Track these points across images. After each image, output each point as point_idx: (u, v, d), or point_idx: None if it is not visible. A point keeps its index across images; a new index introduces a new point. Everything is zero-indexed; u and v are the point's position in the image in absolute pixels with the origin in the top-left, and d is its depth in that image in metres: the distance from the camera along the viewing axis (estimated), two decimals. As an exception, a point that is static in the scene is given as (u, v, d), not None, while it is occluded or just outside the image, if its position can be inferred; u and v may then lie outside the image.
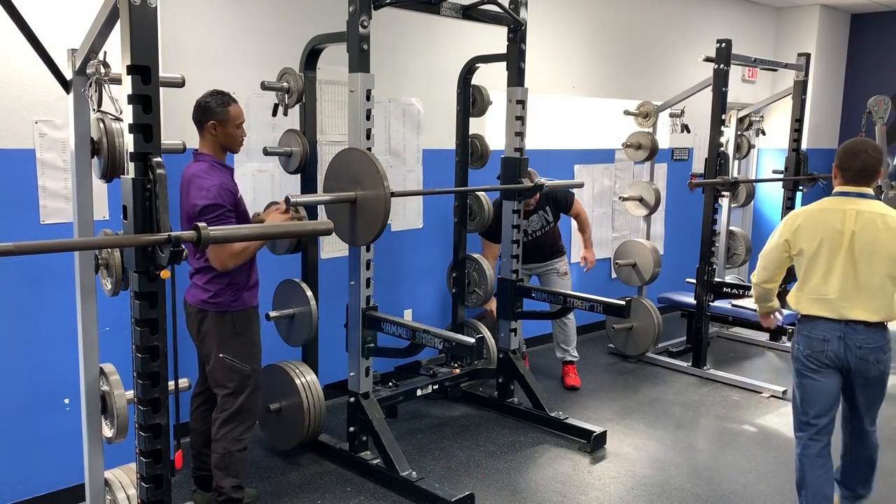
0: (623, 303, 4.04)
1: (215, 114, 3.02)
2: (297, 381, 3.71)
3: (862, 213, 3.02)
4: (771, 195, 7.67)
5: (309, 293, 3.70)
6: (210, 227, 2.01)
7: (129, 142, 2.02)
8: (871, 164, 3.12)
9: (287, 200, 3.21)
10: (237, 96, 3.98)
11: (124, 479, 2.50)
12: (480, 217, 4.67)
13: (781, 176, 6.12)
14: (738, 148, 6.18)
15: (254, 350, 3.14)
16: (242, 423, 3.10)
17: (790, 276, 3.55)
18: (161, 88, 2.04)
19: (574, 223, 5.22)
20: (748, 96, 7.40)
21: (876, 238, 2.93)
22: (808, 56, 6.00)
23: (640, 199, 5.65)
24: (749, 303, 5.73)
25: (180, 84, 2.44)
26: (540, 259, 4.99)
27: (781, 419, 4.60)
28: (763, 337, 6.18)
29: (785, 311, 5.59)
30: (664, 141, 6.27)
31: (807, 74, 6.00)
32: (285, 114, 3.74)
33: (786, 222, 3.18)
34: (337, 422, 4.15)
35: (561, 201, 4.98)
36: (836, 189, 3.17)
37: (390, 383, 4.10)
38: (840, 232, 2.98)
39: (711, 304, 5.49)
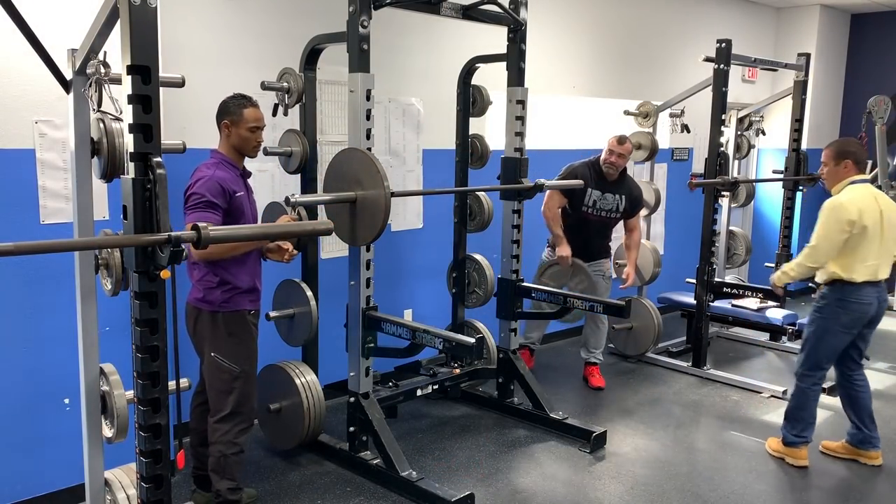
0: (623, 303, 4.04)
1: (229, 113, 3.01)
2: (297, 381, 3.71)
3: (879, 194, 3.77)
4: (771, 195, 7.68)
5: (309, 293, 3.71)
6: (210, 227, 2.01)
7: (129, 142, 2.02)
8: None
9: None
10: (237, 96, 4.00)
11: (124, 479, 2.50)
12: (480, 217, 4.67)
13: (781, 176, 6.12)
14: (738, 148, 6.18)
15: (246, 352, 3.10)
16: (236, 425, 3.07)
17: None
18: (161, 88, 2.04)
19: (623, 237, 5.10)
20: (748, 96, 7.40)
21: (893, 211, 3.73)
22: (808, 56, 6.00)
23: (641, 199, 5.65)
24: (749, 303, 5.74)
25: (180, 84, 2.44)
26: (588, 256, 4.84)
27: (781, 419, 4.59)
28: (763, 337, 6.18)
29: (785, 311, 5.62)
30: (664, 141, 6.27)
31: (807, 74, 6.00)
32: (285, 114, 3.74)
33: (844, 208, 3.62)
34: (337, 422, 4.14)
35: (633, 200, 4.90)
36: (854, 178, 3.75)
37: (390, 383, 4.10)
38: (878, 210, 3.67)
39: (711, 304, 5.49)
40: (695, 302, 5.49)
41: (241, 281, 3.06)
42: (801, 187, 6.14)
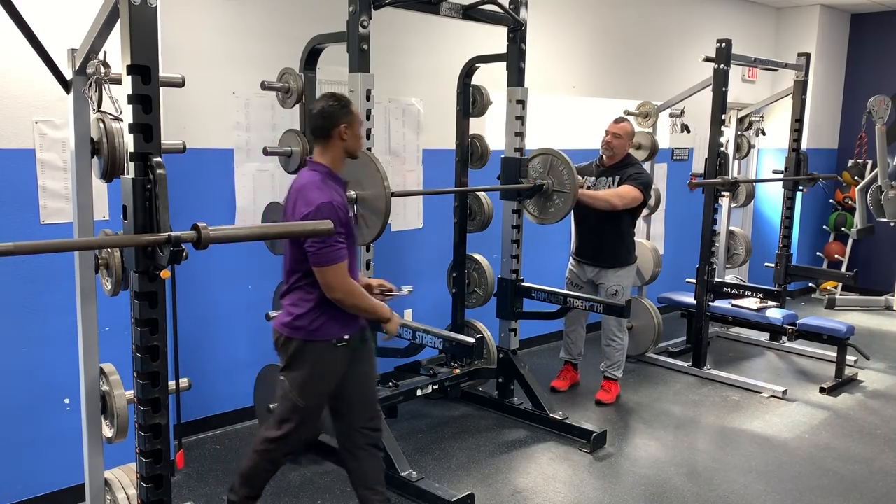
0: (623, 303, 4.04)
1: (346, 114, 2.76)
2: (297, 381, 3.71)
3: None
4: (771, 195, 7.68)
5: (309, 293, 3.70)
6: (210, 228, 2.01)
7: (129, 142, 2.02)
8: None
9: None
10: (236, 96, 4.02)
11: (124, 479, 2.50)
12: (480, 217, 4.67)
13: (781, 176, 6.12)
14: (738, 148, 6.18)
15: (316, 389, 2.81)
16: (281, 450, 2.89)
17: (791, 277, 3.63)
18: (161, 88, 2.04)
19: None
20: (748, 96, 7.40)
21: None
22: (808, 56, 6.01)
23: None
24: (749, 303, 5.74)
25: (180, 84, 2.43)
26: (598, 258, 4.62)
27: (781, 419, 4.60)
28: (763, 337, 6.18)
29: (785, 311, 5.62)
30: (664, 141, 6.27)
31: (807, 74, 6.00)
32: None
33: None
34: (337, 422, 4.14)
35: (628, 175, 4.53)
36: None
37: (390, 383, 4.10)
38: None
39: (711, 304, 5.49)
40: (695, 302, 5.49)
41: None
42: (801, 187, 6.15)
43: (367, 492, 2.95)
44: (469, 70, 4.51)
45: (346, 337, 2.79)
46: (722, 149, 5.20)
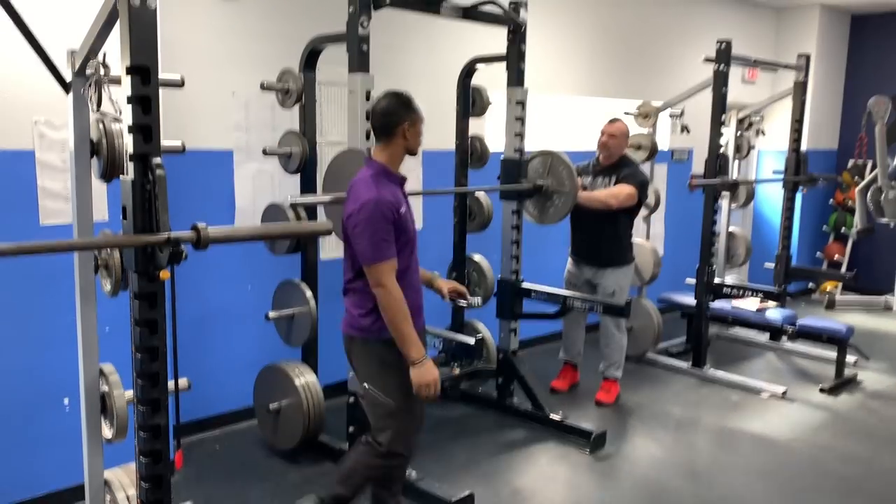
0: (623, 303, 4.04)
1: (409, 113, 2.75)
2: (297, 382, 3.72)
3: None
4: (771, 196, 7.68)
5: (308, 293, 3.71)
6: (210, 228, 2.01)
7: (128, 142, 2.02)
8: None
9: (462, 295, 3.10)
10: (236, 97, 4.03)
11: (124, 479, 2.50)
12: (480, 217, 4.67)
13: (781, 177, 6.12)
14: (738, 149, 6.18)
15: (400, 384, 2.74)
16: (391, 467, 2.85)
17: (791, 277, 3.62)
18: (160, 89, 2.04)
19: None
20: (748, 97, 7.40)
21: None
22: (808, 57, 6.01)
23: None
24: (749, 303, 5.74)
25: (180, 84, 2.44)
26: (594, 258, 4.61)
27: (781, 419, 4.60)
28: (763, 337, 6.18)
29: (785, 311, 5.62)
30: (664, 141, 6.28)
31: (807, 75, 6.00)
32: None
33: None
34: (337, 422, 4.14)
35: (623, 175, 4.54)
36: None
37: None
38: None
39: (711, 304, 5.49)
40: (695, 302, 5.49)
41: (408, 299, 2.75)
42: (801, 188, 6.14)
43: (383, 491, 2.96)
44: (469, 70, 4.51)
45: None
46: (722, 149, 5.20)
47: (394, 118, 2.74)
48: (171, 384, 2.19)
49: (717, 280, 5.62)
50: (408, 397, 2.76)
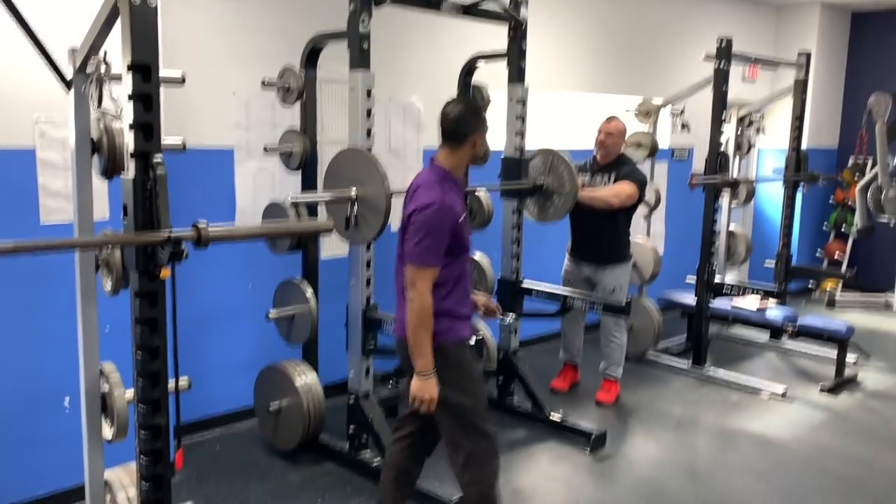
0: (624, 303, 4.04)
1: (481, 125, 2.80)
2: (297, 381, 3.71)
3: None
4: (771, 194, 7.67)
5: (309, 293, 3.70)
6: (210, 227, 2.01)
7: (129, 140, 2.02)
8: None
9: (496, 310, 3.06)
10: (237, 95, 4.01)
11: (124, 479, 2.49)
12: (480, 216, 4.65)
13: (782, 175, 6.12)
14: (738, 147, 6.16)
15: (474, 384, 2.83)
16: (486, 463, 2.80)
17: (791, 276, 3.60)
18: (161, 87, 2.03)
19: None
20: (748, 95, 7.39)
21: None
22: (808, 55, 6.00)
23: (641, 199, 5.64)
24: (749, 302, 5.74)
25: (181, 82, 2.43)
26: (593, 255, 4.58)
27: (782, 419, 4.60)
28: (763, 336, 6.18)
29: (785, 311, 5.62)
30: (664, 140, 6.27)
31: (807, 73, 5.99)
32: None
33: None
34: (337, 422, 4.13)
35: (622, 174, 4.53)
36: None
37: (390, 383, 4.09)
38: None
39: (712, 303, 5.49)
40: (695, 301, 5.48)
41: (463, 305, 2.81)
42: (801, 186, 6.14)
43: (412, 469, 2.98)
44: (469, 68, 4.50)
45: (471, 339, 2.82)
46: (722, 148, 5.20)
47: (466, 127, 2.75)
48: (171, 384, 2.18)
49: (717, 279, 5.62)
50: (480, 399, 2.83)
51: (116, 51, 2.03)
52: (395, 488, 2.97)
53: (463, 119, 2.75)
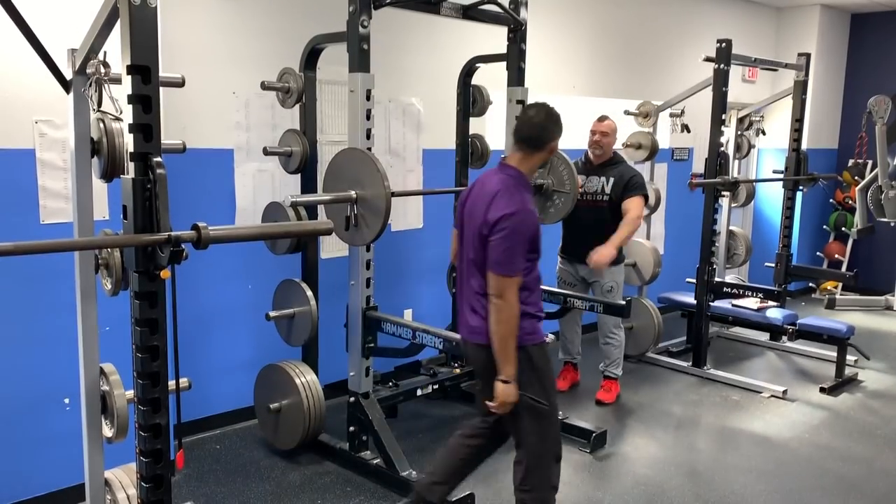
0: (623, 303, 4.04)
1: (559, 132, 2.79)
2: (297, 381, 3.71)
3: None
4: (771, 195, 7.67)
5: (309, 293, 3.71)
6: (210, 228, 2.01)
7: (129, 142, 2.02)
8: None
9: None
10: (236, 96, 4.02)
11: (124, 478, 2.50)
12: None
13: (781, 176, 6.12)
14: (738, 148, 6.18)
15: (552, 386, 2.83)
16: (550, 467, 2.82)
17: (791, 277, 3.59)
18: (161, 88, 2.04)
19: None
20: (748, 96, 7.40)
21: None
22: (808, 56, 6.00)
23: (640, 199, 5.64)
24: (749, 303, 5.74)
25: (180, 84, 2.44)
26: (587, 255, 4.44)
27: (782, 419, 4.60)
28: (763, 337, 6.18)
29: (785, 311, 5.62)
30: (664, 141, 6.27)
31: (807, 74, 6.00)
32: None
33: None
34: (337, 422, 4.14)
35: (621, 182, 4.51)
36: None
37: (390, 383, 4.10)
38: None
39: (711, 304, 5.49)
40: (695, 302, 5.49)
41: (540, 307, 2.81)
42: (801, 187, 6.14)
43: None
44: (469, 70, 4.51)
45: (547, 339, 2.81)
46: (722, 149, 5.20)
47: (548, 134, 2.76)
48: (171, 384, 2.19)
49: (717, 279, 5.62)
50: (555, 398, 2.83)
51: (116, 52, 2.03)
52: (453, 476, 3.04)
53: (546, 127, 2.76)
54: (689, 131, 5.90)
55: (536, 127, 2.76)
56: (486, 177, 2.83)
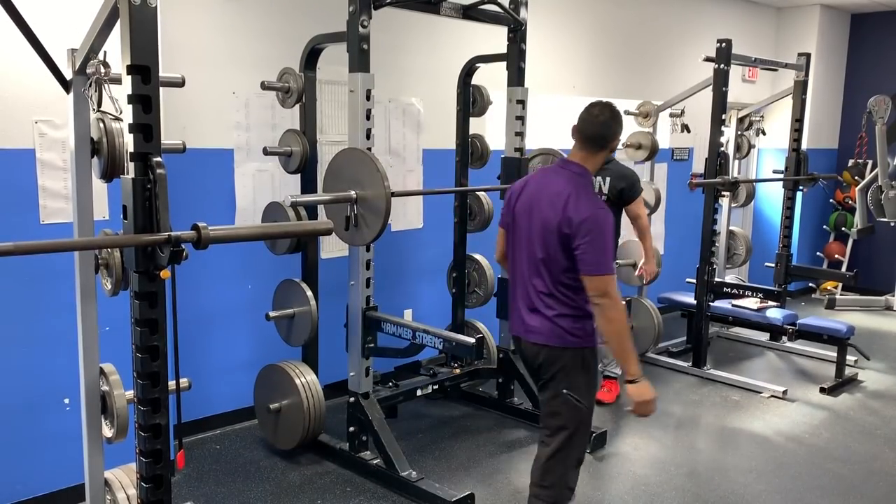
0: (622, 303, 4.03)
1: (621, 131, 2.79)
2: (297, 381, 3.71)
3: None
4: (771, 195, 7.67)
5: (309, 293, 3.71)
6: (210, 227, 2.01)
7: (129, 142, 2.02)
8: None
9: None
10: (236, 96, 4.02)
11: (124, 479, 2.50)
12: (480, 217, 4.66)
13: (781, 176, 6.12)
14: (738, 148, 6.18)
15: (594, 387, 2.87)
16: (573, 468, 2.82)
17: (791, 277, 3.59)
18: (161, 88, 2.04)
19: (631, 228, 4.65)
20: (748, 96, 7.40)
21: None
22: (808, 56, 6.00)
23: (640, 199, 5.64)
24: (749, 303, 5.74)
25: (180, 84, 2.44)
26: None
27: (781, 419, 4.60)
28: (763, 337, 6.18)
29: (785, 311, 5.62)
30: (664, 141, 6.27)
31: (807, 74, 6.00)
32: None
33: None
34: (337, 422, 4.14)
35: (619, 183, 4.32)
36: None
37: (390, 383, 4.10)
38: None
39: (711, 304, 5.49)
40: (695, 302, 5.49)
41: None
42: (801, 187, 6.14)
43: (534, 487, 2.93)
44: (469, 70, 4.51)
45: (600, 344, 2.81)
46: (722, 149, 5.20)
47: (612, 133, 2.75)
48: (171, 384, 2.19)
49: (717, 279, 5.62)
50: (593, 401, 2.86)
51: (116, 52, 2.03)
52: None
53: (611, 127, 2.74)
54: (689, 131, 5.90)
55: (601, 126, 2.72)
56: (546, 175, 2.78)
